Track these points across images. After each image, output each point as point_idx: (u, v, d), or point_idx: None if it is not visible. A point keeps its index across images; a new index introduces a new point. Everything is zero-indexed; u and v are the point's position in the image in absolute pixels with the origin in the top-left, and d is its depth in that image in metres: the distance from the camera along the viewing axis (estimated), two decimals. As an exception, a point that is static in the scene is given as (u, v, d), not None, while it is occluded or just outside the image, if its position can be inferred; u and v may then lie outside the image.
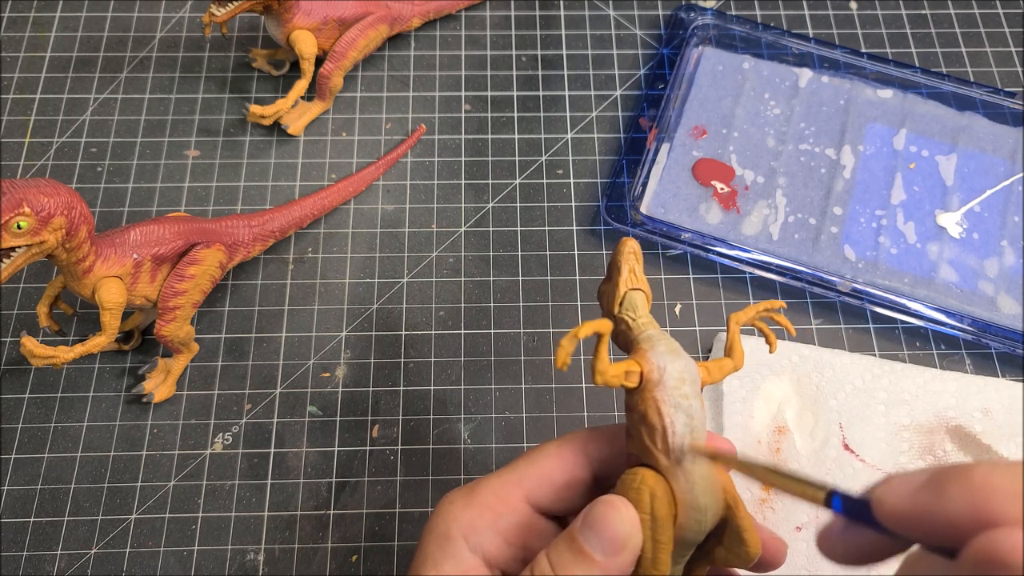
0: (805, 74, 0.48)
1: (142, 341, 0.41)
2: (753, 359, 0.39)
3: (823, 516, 0.36)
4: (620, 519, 0.22)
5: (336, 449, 0.39)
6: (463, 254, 0.44)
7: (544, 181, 0.46)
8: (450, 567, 0.24)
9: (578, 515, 0.23)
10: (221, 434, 0.39)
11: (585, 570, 0.22)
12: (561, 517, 0.27)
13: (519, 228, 0.44)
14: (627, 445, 0.25)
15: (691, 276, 0.43)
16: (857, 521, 0.20)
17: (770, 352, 0.28)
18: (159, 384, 0.39)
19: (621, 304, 0.25)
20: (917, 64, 0.49)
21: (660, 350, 0.24)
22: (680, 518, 0.23)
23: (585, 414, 0.40)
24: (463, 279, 0.43)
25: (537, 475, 0.26)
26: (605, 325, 0.23)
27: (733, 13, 0.50)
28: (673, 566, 0.23)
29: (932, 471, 0.18)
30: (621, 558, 0.22)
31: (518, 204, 0.45)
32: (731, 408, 0.38)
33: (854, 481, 0.37)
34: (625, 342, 0.26)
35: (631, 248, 0.26)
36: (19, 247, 0.31)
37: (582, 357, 0.41)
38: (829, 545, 0.21)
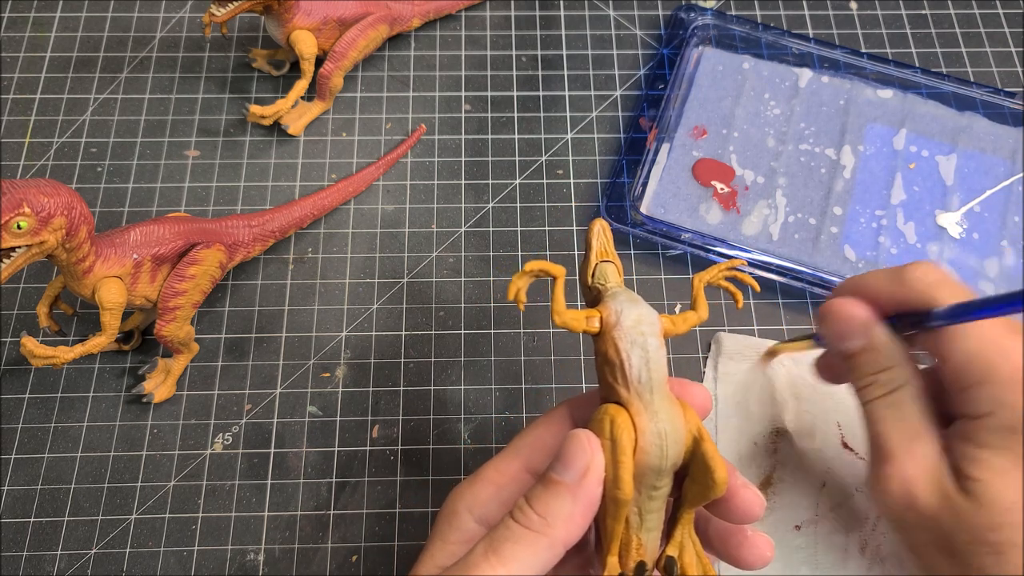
0: (805, 74, 0.48)
1: (142, 341, 0.41)
2: (749, 361, 0.39)
3: (823, 515, 0.36)
4: (580, 444, 0.24)
5: (336, 449, 0.39)
6: (463, 254, 0.44)
7: (544, 181, 0.46)
8: (455, 538, 0.26)
9: None
10: (221, 434, 0.39)
11: (556, 497, 0.24)
12: None
13: (519, 228, 0.44)
14: (599, 391, 0.27)
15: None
16: (822, 343, 0.32)
17: (737, 308, 0.32)
18: (159, 384, 0.39)
19: (593, 275, 0.28)
20: (917, 64, 0.49)
21: (620, 299, 0.27)
22: (640, 443, 0.24)
23: (585, 414, 0.40)
24: (463, 279, 0.43)
25: (531, 445, 0.28)
26: (557, 269, 0.27)
27: (733, 13, 0.50)
28: (648, 500, 0.25)
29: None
30: (587, 479, 0.24)
31: (518, 204, 0.45)
32: (727, 410, 0.38)
33: (854, 479, 0.37)
34: (597, 305, 0.28)
35: (599, 227, 0.29)
36: (19, 247, 0.31)
37: (582, 357, 0.41)
38: (822, 370, 0.33)
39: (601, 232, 0.29)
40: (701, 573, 0.26)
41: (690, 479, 0.25)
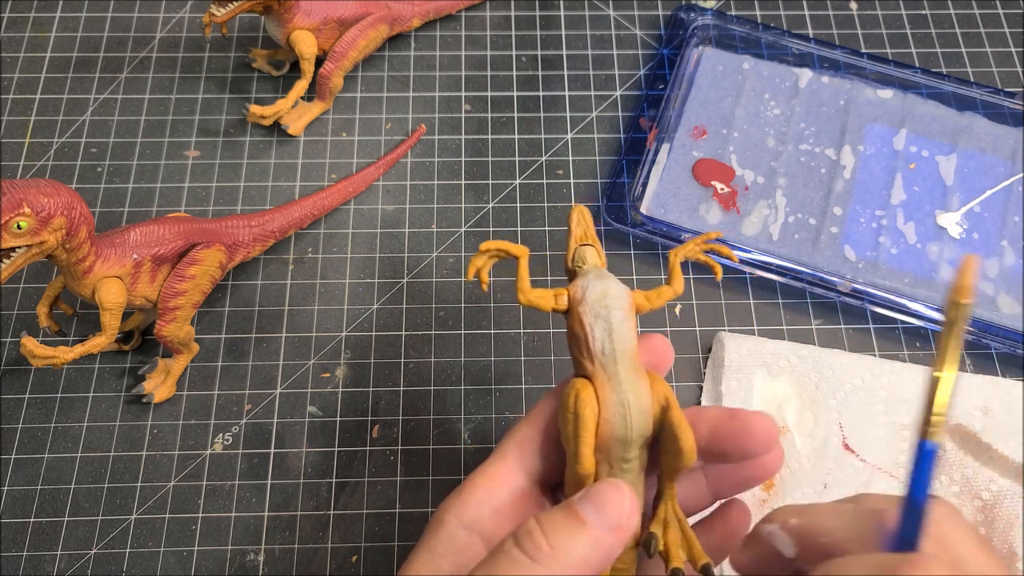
0: (805, 74, 0.48)
1: (142, 341, 0.41)
2: (751, 360, 0.39)
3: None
4: (622, 498, 0.23)
5: (336, 449, 0.39)
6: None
7: (544, 181, 0.46)
8: (443, 548, 0.25)
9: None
10: (221, 434, 0.39)
11: (574, 535, 0.22)
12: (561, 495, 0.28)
13: (519, 228, 0.44)
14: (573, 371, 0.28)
15: (691, 276, 0.43)
16: None
17: (716, 279, 0.31)
18: (159, 384, 0.39)
19: (573, 259, 0.29)
20: (917, 64, 0.49)
21: (589, 276, 0.27)
22: (604, 413, 0.25)
23: (585, 414, 0.40)
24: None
25: (517, 444, 0.27)
26: (518, 249, 0.28)
27: (733, 13, 0.50)
28: (621, 473, 0.25)
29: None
30: (615, 535, 0.22)
31: (518, 204, 0.45)
32: (731, 408, 0.38)
33: (854, 481, 0.37)
34: None
35: (579, 212, 0.30)
36: (19, 247, 0.31)
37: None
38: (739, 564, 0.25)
39: (580, 217, 0.30)
40: (685, 550, 0.25)
41: (663, 450, 0.26)
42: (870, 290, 0.41)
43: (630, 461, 0.25)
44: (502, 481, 0.26)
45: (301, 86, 0.45)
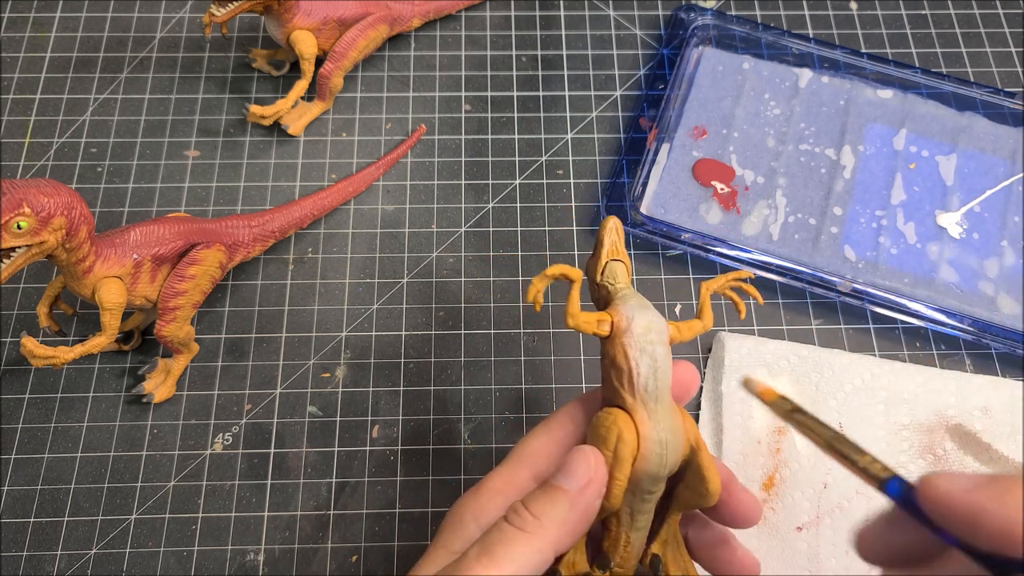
0: (805, 74, 0.48)
1: (142, 341, 0.41)
2: (751, 359, 0.39)
3: (823, 518, 0.36)
4: (586, 458, 0.25)
5: (336, 449, 0.39)
6: (463, 254, 0.44)
7: (544, 181, 0.46)
8: (460, 547, 0.26)
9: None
10: (221, 434, 0.39)
11: (553, 501, 0.24)
12: None
13: (519, 228, 0.44)
14: (601, 391, 0.28)
15: (691, 276, 0.43)
16: (911, 512, 0.20)
17: (739, 318, 0.32)
18: (159, 384, 0.39)
19: (603, 273, 0.28)
20: (917, 64, 0.49)
21: (631, 304, 0.27)
22: (642, 450, 0.25)
23: (585, 414, 0.40)
24: (463, 279, 0.43)
25: (534, 453, 0.28)
26: (575, 272, 0.27)
27: (733, 13, 0.50)
28: (642, 503, 0.26)
29: (991, 476, 0.18)
30: (587, 490, 0.25)
31: (518, 204, 0.45)
32: (731, 408, 0.38)
33: (854, 481, 0.37)
34: (605, 304, 0.28)
35: (613, 225, 0.29)
36: (19, 247, 0.31)
37: (582, 357, 0.41)
38: (866, 545, 0.21)
39: (614, 230, 0.29)
40: (683, 571, 0.27)
41: (683, 484, 0.26)
42: (870, 290, 0.41)
43: (654, 493, 0.26)
44: (520, 488, 0.27)
45: (301, 86, 0.45)
